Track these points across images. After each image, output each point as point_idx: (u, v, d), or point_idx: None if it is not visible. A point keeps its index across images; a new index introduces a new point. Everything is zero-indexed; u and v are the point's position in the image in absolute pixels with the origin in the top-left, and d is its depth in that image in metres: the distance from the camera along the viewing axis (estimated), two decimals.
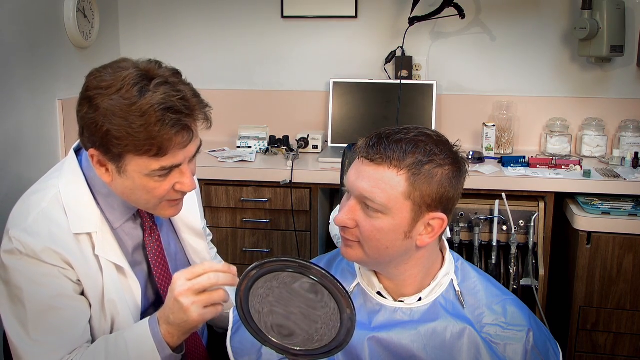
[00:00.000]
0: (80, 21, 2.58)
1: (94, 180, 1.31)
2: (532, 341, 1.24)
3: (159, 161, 1.19)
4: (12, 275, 1.24)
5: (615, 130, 2.73)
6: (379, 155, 1.16)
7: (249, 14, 2.95)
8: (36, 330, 1.23)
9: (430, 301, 1.26)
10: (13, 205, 2.26)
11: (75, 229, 1.26)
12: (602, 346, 2.28)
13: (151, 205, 1.28)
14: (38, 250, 1.22)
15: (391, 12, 2.85)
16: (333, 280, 1.01)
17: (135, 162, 1.20)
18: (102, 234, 1.29)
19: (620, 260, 2.21)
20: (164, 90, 1.16)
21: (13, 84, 2.22)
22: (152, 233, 1.40)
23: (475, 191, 2.36)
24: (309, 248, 2.52)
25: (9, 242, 1.24)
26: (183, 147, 1.21)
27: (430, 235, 1.20)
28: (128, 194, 1.26)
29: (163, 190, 1.24)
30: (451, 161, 1.18)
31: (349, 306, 1.01)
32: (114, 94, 1.16)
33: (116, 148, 1.18)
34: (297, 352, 1.08)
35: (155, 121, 1.14)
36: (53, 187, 1.30)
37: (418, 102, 2.73)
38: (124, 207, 1.33)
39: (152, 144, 1.16)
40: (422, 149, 1.16)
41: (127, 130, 1.15)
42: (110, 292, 1.30)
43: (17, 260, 1.23)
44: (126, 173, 1.22)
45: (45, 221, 1.25)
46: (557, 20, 2.75)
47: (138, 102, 1.14)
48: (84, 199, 1.29)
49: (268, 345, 1.10)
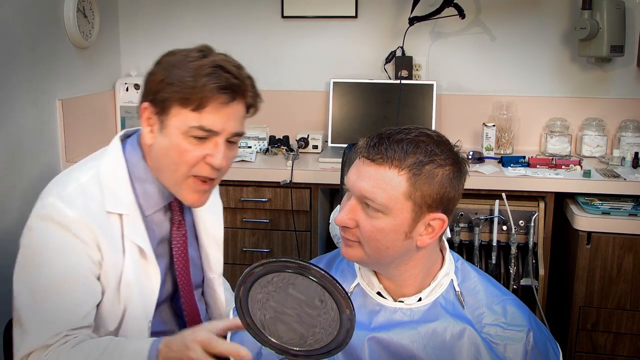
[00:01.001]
0: (80, 21, 2.58)
1: (134, 165, 1.36)
2: (532, 341, 1.24)
3: (199, 118, 1.25)
4: (37, 240, 1.26)
5: (615, 130, 2.73)
6: (380, 155, 1.16)
7: (249, 14, 2.95)
8: (43, 299, 1.24)
9: (430, 301, 1.26)
10: (13, 205, 2.27)
11: (109, 208, 1.30)
12: (602, 346, 2.28)
13: (179, 176, 1.30)
14: (71, 219, 1.24)
15: (391, 12, 2.85)
16: (332, 280, 1.01)
17: (177, 115, 1.26)
18: (133, 217, 1.33)
19: (620, 260, 2.21)
20: (223, 57, 1.31)
21: (13, 84, 2.22)
22: (179, 227, 1.42)
23: (475, 191, 2.36)
24: (309, 248, 2.52)
25: (42, 208, 1.27)
26: (222, 107, 1.26)
27: (430, 235, 1.20)
28: (162, 157, 1.30)
29: (194, 157, 1.28)
30: (452, 161, 1.18)
31: (348, 306, 1.01)
32: (180, 54, 1.32)
33: (164, 94, 1.26)
34: (297, 353, 1.08)
35: (205, 74, 1.24)
36: (93, 167, 1.35)
37: (418, 102, 2.73)
38: (159, 196, 1.37)
39: (196, 95, 1.24)
40: (423, 149, 1.16)
41: (179, 77, 1.25)
42: (128, 274, 1.31)
43: (46, 226, 1.25)
44: (167, 129, 1.28)
45: (82, 194, 1.28)
46: (557, 20, 2.75)
47: (197, 60, 1.28)
48: (121, 181, 1.33)
49: (267, 345, 1.10)
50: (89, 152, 2.67)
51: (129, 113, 2.92)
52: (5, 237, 2.17)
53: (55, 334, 1.23)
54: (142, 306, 1.34)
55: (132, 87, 2.91)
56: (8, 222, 2.19)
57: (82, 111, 2.63)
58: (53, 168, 2.48)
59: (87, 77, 2.69)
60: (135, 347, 1.22)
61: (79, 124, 2.61)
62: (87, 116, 2.68)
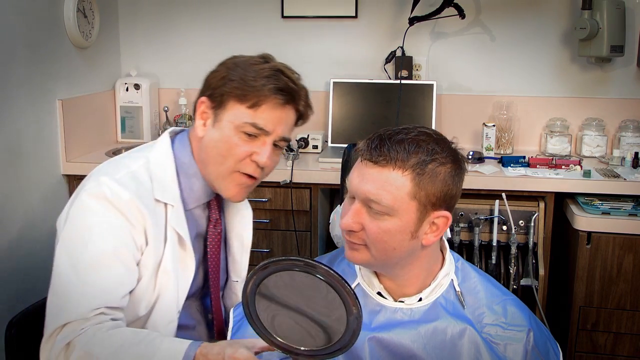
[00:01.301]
0: (80, 21, 2.58)
1: (181, 160, 1.41)
2: (532, 341, 1.24)
3: (253, 115, 1.32)
4: (88, 215, 1.28)
5: (615, 130, 2.73)
6: (383, 157, 1.16)
7: (249, 14, 2.95)
8: (86, 273, 1.25)
9: (431, 301, 1.26)
10: (13, 205, 2.27)
11: (157, 196, 1.35)
12: (602, 346, 2.28)
13: (224, 169, 1.35)
14: (124, 201, 1.28)
15: (391, 12, 2.85)
16: (339, 279, 1.01)
17: (233, 109, 1.33)
18: (177, 208, 1.37)
19: (620, 260, 2.21)
20: (284, 65, 1.37)
21: (13, 84, 2.22)
22: (216, 225, 1.48)
23: (475, 191, 2.36)
24: (309, 248, 2.52)
25: (97, 186, 1.30)
26: (276, 108, 1.32)
27: (435, 233, 1.20)
28: (210, 149, 1.36)
29: (242, 152, 1.33)
30: (452, 159, 1.19)
31: (355, 305, 1.01)
32: (243, 58, 1.39)
33: (224, 89, 1.33)
34: (302, 352, 1.08)
35: (264, 75, 1.32)
36: (143, 157, 1.40)
37: (418, 102, 2.73)
38: (202, 192, 1.43)
39: (254, 93, 1.31)
40: (424, 148, 1.16)
41: (240, 76, 1.32)
42: (167, 262, 1.35)
43: (98, 204, 1.28)
44: (220, 123, 1.34)
45: (134, 180, 1.33)
46: (557, 20, 2.75)
47: (260, 64, 1.35)
48: (169, 174, 1.39)
49: (274, 345, 1.10)
50: (89, 152, 2.69)
51: (129, 113, 2.92)
52: (5, 237, 2.17)
53: (94, 308, 1.23)
54: (175, 296, 1.37)
55: (132, 87, 2.91)
56: (8, 222, 2.19)
57: (82, 111, 2.63)
58: (53, 168, 2.48)
59: (87, 77, 2.69)
60: (171, 346, 1.21)
61: (79, 124, 2.61)
62: (87, 116, 2.68)
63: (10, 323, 1.54)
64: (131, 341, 1.20)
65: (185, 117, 2.92)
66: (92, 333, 1.20)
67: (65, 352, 1.19)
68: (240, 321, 1.35)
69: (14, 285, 2.20)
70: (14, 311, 1.60)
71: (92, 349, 1.17)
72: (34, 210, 2.33)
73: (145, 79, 2.94)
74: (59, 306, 1.25)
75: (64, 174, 2.53)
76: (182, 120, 2.91)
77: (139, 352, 1.18)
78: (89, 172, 1.35)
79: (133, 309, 1.34)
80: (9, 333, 1.53)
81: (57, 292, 1.27)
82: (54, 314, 1.25)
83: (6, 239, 2.18)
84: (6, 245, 2.17)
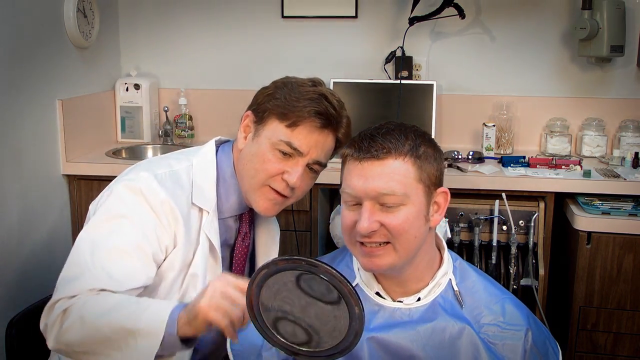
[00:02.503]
0: (80, 21, 2.58)
1: (223, 170, 1.45)
2: (530, 340, 1.24)
3: (290, 134, 1.35)
4: (121, 206, 1.31)
5: (615, 130, 2.73)
6: (381, 150, 1.18)
7: (249, 14, 2.95)
8: (103, 258, 1.27)
9: (429, 301, 1.26)
10: (13, 205, 2.27)
11: (195, 200, 1.39)
12: (602, 346, 2.28)
13: (255, 182, 1.39)
14: (160, 200, 1.31)
15: (391, 12, 2.85)
16: (342, 278, 1.01)
17: (272, 126, 1.37)
18: (211, 216, 1.41)
19: (620, 260, 2.21)
20: (330, 91, 1.43)
21: (13, 84, 2.22)
22: (244, 239, 1.51)
23: (475, 191, 2.36)
24: (309, 248, 2.52)
25: (135, 180, 1.33)
26: (313, 130, 1.36)
27: (439, 212, 1.25)
28: (246, 161, 1.40)
29: (274, 169, 1.37)
30: (429, 140, 1.26)
31: (357, 304, 1.01)
32: (293, 79, 1.45)
33: (267, 106, 1.38)
34: (304, 353, 1.08)
35: (308, 98, 1.37)
36: (187, 160, 1.44)
37: (418, 102, 2.73)
38: (237, 203, 1.47)
39: (294, 113, 1.35)
40: (409, 136, 1.22)
41: (285, 96, 1.38)
42: (197, 267, 1.38)
43: (133, 197, 1.31)
44: (259, 138, 1.39)
45: (174, 180, 1.37)
46: (557, 20, 2.75)
47: (307, 87, 1.40)
48: (209, 181, 1.42)
49: (275, 344, 1.10)
50: (89, 152, 2.70)
51: (129, 113, 2.92)
52: (5, 237, 2.17)
53: (92, 288, 1.25)
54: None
55: (132, 87, 2.91)
56: (8, 221, 2.19)
57: (82, 111, 2.63)
58: (53, 168, 2.48)
59: (87, 77, 2.69)
60: (159, 304, 1.22)
61: (79, 124, 2.61)
62: (87, 116, 2.68)
63: (10, 323, 1.54)
64: (121, 304, 1.21)
65: (185, 117, 2.92)
66: (84, 299, 1.22)
67: (61, 317, 1.22)
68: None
69: (14, 285, 2.21)
70: (14, 311, 1.61)
71: (84, 313, 1.19)
72: (34, 210, 2.33)
73: (145, 79, 2.94)
74: (67, 280, 1.27)
75: (63, 174, 2.53)
76: (182, 120, 2.91)
77: (129, 312, 1.19)
78: (89, 172, 1.36)
79: None
80: (9, 333, 1.53)
81: (70, 267, 1.29)
82: (62, 285, 1.27)
83: (6, 238, 2.18)
84: (6, 245, 2.17)
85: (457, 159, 2.56)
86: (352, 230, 1.22)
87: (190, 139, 2.93)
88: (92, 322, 1.18)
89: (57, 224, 2.49)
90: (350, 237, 1.23)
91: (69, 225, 2.56)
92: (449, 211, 2.34)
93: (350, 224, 1.22)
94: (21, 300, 2.16)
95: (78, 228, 2.57)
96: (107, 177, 2.51)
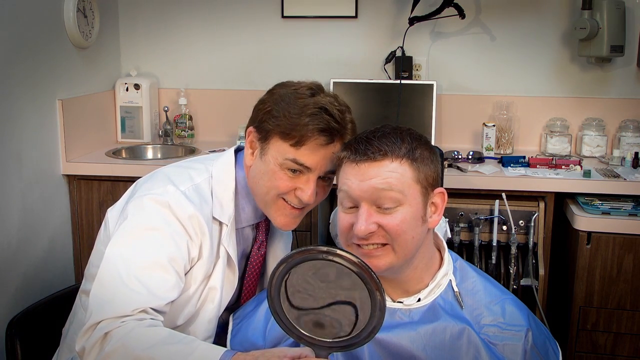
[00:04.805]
0: (80, 21, 2.58)
1: (240, 178, 1.44)
2: (531, 341, 1.24)
3: (295, 152, 1.32)
4: (152, 220, 1.30)
5: (615, 130, 2.73)
6: (378, 152, 1.19)
7: (249, 13, 2.95)
8: (137, 275, 1.25)
9: (429, 302, 1.26)
10: (13, 205, 2.27)
11: (216, 214, 1.38)
12: (602, 346, 2.28)
13: (269, 199, 1.37)
14: (188, 215, 1.31)
15: (391, 12, 2.85)
16: (364, 265, 1.02)
17: (277, 146, 1.33)
18: (230, 228, 1.41)
19: (620, 260, 2.21)
20: (330, 99, 1.36)
21: (13, 84, 2.22)
22: (260, 247, 1.50)
23: (475, 191, 2.36)
24: None
25: (164, 194, 1.32)
26: (319, 147, 1.32)
27: (437, 213, 1.25)
28: (257, 179, 1.38)
29: (285, 187, 1.35)
30: (425, 143, 1.25)
31: (377, 289, 1.03)
32: (291, 88, 1.38)
33: (269, 125, 1.33)
34: (328, 344, 1.08)
35: (309, 113, 1.31)
36: (207, 170, 1.42)
37: (418, 102, 2.73)
38: (253, 213, 1.46)
39: (297, 132, 1.30)
40: (405, 139, 1.22)
41: (284, 112, 1.32)
42: (216, 280, 1.38)
43: (162, 211, 1.31)
44: (265, 157, 1.35)
45: (198, 194, 1.36)
46: (557, 20, 2.75)
47: (306, 98, 1.34)
48: (228, 192, 1.41)
49: (297, 338, 1.10)
50: (89, 152, 2.70)
51: (129, 113, 2.92)
52: (5, 237, 2.17)
53: (138, 307, 1.22)
54: (215, 310, 1.39)
55: (132, 87, 2.91)
56: (8, 221, 2.19)
57: (82, 111, 2.63)
58: (53, 168, 2.48)
59: (87, 77, 2.69)
60: (207, 351, 1.18)
61: (79, 124, 2.61)
62: (87, 116, 2.68)
63: (11, 323, 1.54)
64: (168, 340, 1.19)
65: (185, 117, 2.92)
66: (131, 327, 1.19)
67: (101, 341, 1.19)
68: (240, 324, 1.37)
69: (14, 285, 2.21)
70: (14, 311, 1.61)
71: (128, 342, 1.16)
72: (34, 210, 2.33)
73: (145, 79, 2.94)
74: (104, 300, 1.24)
75: (64, 174, 2.53)
76: (182, 120, 2.91)
77: (175, 351, 1.17)
78: (89, 172, 1.35)
79: (172, 317, 1.34)
80: (9, 333, 1.53)
81: (104, 285, 1.26)
82: (98, 305, 1.23)
83: (6, 238, 2.18)
84: (6, 245, 2.17)
85: (457, 159, 2.56)
86: (349, 233, 1.22)
87: (190, 139, 2.93)
88: (135, 354, 1.15)
89: (57, 223, 2.49)
90: (347, 240, 1.24)
91: (69, 225, 2.56)
92: (449, 211, 2.34)
93: (347, 227, 1.22)
94: (21, 300, 2.16)
95: (78, 228, 2.57)
96: (107, 177, 2.52)
